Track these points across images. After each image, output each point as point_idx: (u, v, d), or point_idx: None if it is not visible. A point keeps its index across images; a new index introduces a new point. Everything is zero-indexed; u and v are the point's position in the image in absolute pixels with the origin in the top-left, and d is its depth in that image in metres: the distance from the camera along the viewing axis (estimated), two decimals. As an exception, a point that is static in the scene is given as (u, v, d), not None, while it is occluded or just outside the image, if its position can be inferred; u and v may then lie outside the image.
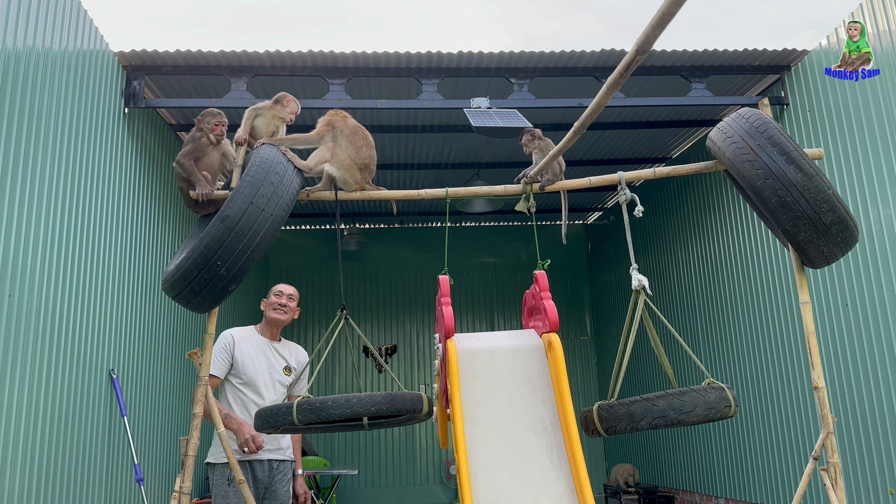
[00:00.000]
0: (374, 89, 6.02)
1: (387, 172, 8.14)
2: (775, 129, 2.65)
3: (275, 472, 3.48)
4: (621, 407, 2.41)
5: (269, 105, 3.02)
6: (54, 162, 4.21)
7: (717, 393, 2.42)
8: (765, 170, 2.58)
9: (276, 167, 2.62)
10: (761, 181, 2.59)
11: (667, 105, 5.90)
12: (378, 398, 2.39)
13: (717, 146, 2.82)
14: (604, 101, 1.96)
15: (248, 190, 2.50)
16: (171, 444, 5.97)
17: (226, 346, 3.51)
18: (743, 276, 6.47)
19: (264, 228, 2.51)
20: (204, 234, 2.48)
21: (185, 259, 2.51)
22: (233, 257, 2.46)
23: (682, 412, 2.36)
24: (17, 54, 3.84)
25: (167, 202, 6.14)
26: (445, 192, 2.96)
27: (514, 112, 4.88)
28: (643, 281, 2.71)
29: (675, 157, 7.90)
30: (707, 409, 2.38)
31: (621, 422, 2.40)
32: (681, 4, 1.33)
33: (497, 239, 10.78)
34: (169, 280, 2.60)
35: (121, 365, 5.04)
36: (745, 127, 2.70)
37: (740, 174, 2.67)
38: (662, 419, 2.36)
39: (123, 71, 5.34)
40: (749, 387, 6.36)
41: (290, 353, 3.72)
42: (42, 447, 3.91)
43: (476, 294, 10.77)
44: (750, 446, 6.37)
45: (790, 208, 2.56)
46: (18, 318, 3.72)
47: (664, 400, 2.37)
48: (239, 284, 2.58)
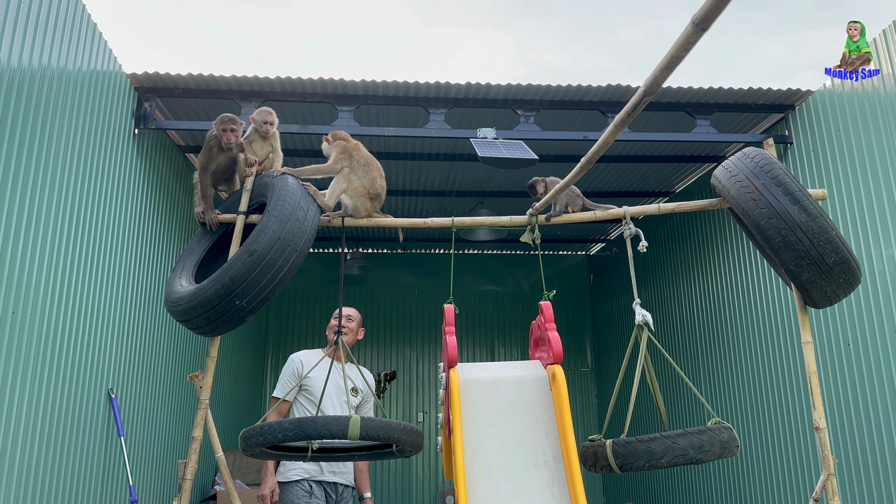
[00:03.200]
0: (383, 117, 6.08)
1: (392, 199, 8.19)
2: (780, 169, 2.68)
3: (341, 495, 3.54)
4: (640, 444, 2.38)
5: (252, 130, 3.07)
6: (63, 180, 4.25)
7: (728, 433, 2.43)
8: (769, 209, 2.61)
9: (301, 202, 2.66)
10: (765, 220, 2.61)
11: (672, 140, 5.95)
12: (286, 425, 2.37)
13: (721, 184, 2.85)
14: (611, 138, 1.98)
15: (277, 225, 2.53)
16: (167, 465, 5.93)
17: (294, 370, 3.59)
18: (745, 313, 6.47)
19: (289, 263, 2.53)
20: (228, 266, 2.50)
21: (206, 288, 2.51)
22: (255, 291, 2.48)
23: (701, 451, 2.35)
24: (32, 73, 3.90)
25: (173, 223, 6.18)
26: (451, 221, 2.98)
27: (520, 143, 4.93)
28: (647, 316, 2.72)
29: (678, 191, 7.95)
30: (722, 448, 2.39)
31: (639, 459, 2.38)
32: (689, 49, 1.36)
33: (500, 267, 10.79)
34: (182, 304, 2.60)
35: (120, 384, 5.03)
36: (750, 166, 2.73)
37: (744, 213, 2.69)
38: (682, 457, 2.35)
39: (135, 92, 5.41)
40: (750, 424, 6.33)
41: (357, 375, 3.73)
42: (38, 465, 3.89)
43: (478, 322, 10.76)
44: (751, 484, 6.32)
45: (794, 248, 2.57)
46: (21, 335, 3.73)
47: (684, 438, 2.36)
48: (255, 315, 2.59)
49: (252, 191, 2.89)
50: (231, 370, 8.22)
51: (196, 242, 2.97)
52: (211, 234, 3.00)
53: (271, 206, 2.63)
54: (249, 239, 2.54)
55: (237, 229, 2.85)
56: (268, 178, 2.83)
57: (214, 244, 3.00)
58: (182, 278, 2.77)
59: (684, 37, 1.34)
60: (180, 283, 2.73)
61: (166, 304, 2.70)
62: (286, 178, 2.78)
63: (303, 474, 3.43)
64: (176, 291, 2.68)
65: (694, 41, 1.34)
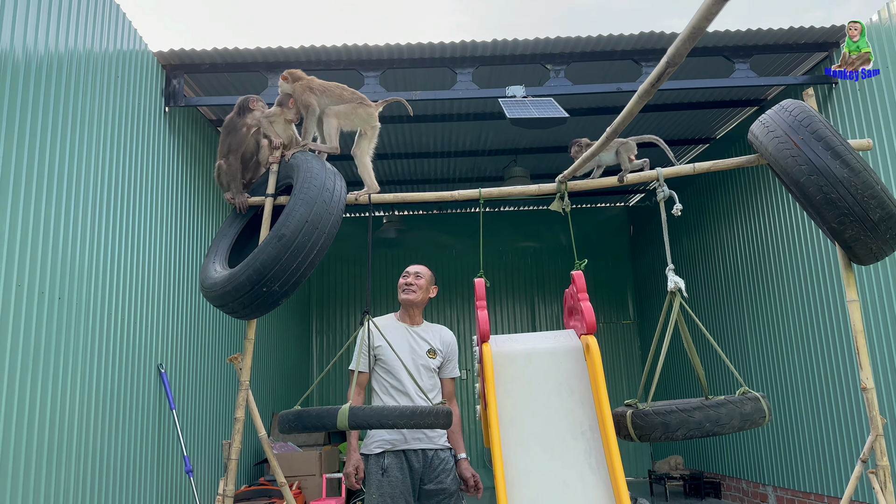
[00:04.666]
0: (409, 80, 5.99)
1: (424, 161, 8.13)
2: (820, 122, 2.56)
3: (431, 461, 3.32)
4: (657, 416, 2.38)
5: (278, 111, 3.03)
6: (99, 162, 4.31)
7: (752, 404, 2.38)
8: (809, 165, 2.50)
9: (327, 182, 2.63)
10: (805, 177, 2.50)
11: (709, 87, 5.74)
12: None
13: (758, 140, 2.74)
14: (635, 109, 1.91)
15: (304, 208, 2.52)
16: (217, 436, 6.13)
17: (364, 340, 3.45)
18: (787, 267, 6.30)
19: (318, 245, 2.53)
20: (259, 252, 2.51)
21: (238, 273, 2.54)
22: (286, 275, 2.49)
23: (718, 424, 2.33)
24: (59, 57, 3.93)
25: (210, 198, 6.25)
26: (478, 193, 2.93)
27: (549, 101, 4.81)
28: (679, 283, 2.67)
29: (718, 137, 7.70)
30: (743, 421, 2.35)
31: (656, 431, 2.38)
32: (711, 19, 1.28)
33: (537, 222, 10.69)
34: (217, 290, 2.63)
35: (168, 360, 5.18)
36: (788, 120, 2.61)
37: (783, 170, 2.58)
38: (698, 430, 2.33)
39: (163, 70, 5.43)
40: (795, 384, 6.22)
41: (433, 335, 3.52)
42: (96, 439, 4.05)
43: (516, 279, 10.73)
44: (798, 446, 6.24)
45: (836, 205, 2.47)
46: (69, 318, 3.84)
47: (700, 412, 2.34)
48: (289, 298, 2.62)
49: (279, 172, 2.89)
50: (278, 335, 8.39)
51: (227, 226, 3.00)
52: (241, 216, 3.02)
53: (297, 188, 2.62)
54: (277, 223, 2.54)
55: (266, 212, 2.86)
56: (293, 160, 2.82)
57: (246, 226, 3.02)
58: (216, 262, 2.80)
59: (706, 7, 1.26)
60: (214, 267, 2.76)
61: (202, 289, 2.74)
62: (309, 160, 2.76)
63: (385, 445, 3.27)
64: (210, 277, 2.71)
65: (716, 11, 1.27)
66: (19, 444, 3.30)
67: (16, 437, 3.27)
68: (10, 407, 3.25)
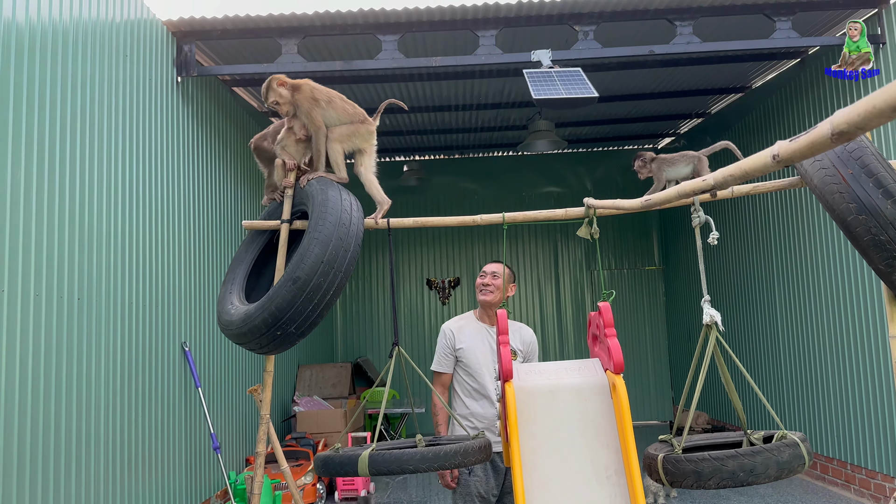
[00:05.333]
0: (430, 45, 5.72)
1: (445, 114, 7.88)
2: (872, 154, 2.36)
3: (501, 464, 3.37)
4: (689, 464, 2.32)
5: (285, 133, 2.88)
6: (112, 136, 4.19)
7: (790, 451, 2.29)
8: (858, 204, 2.32)
9: (343, 216, 2.51)
10: (853, 217, 2.34)
11: (748, 50, 5.41)
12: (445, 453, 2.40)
13: (803, 166, 2.55)
14: (665, 200, 1.73)
15: (319, 248, 2.41)
16: (243, 413, 6.24)
17: (447, 341, 3.41)
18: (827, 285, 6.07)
19: (335, 285, 2.45)
20: (273, 295, 2.43)
21: (254, 315, 2.47)
22: (302, 318, 2.43)
23: (753, 474, 2.25)
24: (65, 29, 3.76)
25: (230, 168, 6.13)
26: (502, 217, 2.80)
27: (577, 73, 4.55)
28: (715, 316, 2.54)
29: (755, 87, 7.34)
30: (779, 470, 2.27)
31: (687, 479, 2.32)
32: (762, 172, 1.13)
33: (561, 167, 10.44)
34: (233, 329, 2.58)
35: (192, 338, 5.21)
36: (838, 150, 2.41)
37: (829, 206, 2.41)
38: (731, 480, 2.27)
39: (173, 38, 5.22)
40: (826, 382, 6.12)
41: (513, 335, 3.44)
42: (124, 421, 4.13)
43: (540, 225, 10.59)
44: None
45: (885, 248, 2.31)
46: (89, 298, 3.81)
47: (734, 460, 2.26)
48: (306, 337, 2.56)
49: (294, 197, 2.77)
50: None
51: (244, 251, 2.91)
52: (257, 240, 2.93)
53: (312, 224, 2.50)
54: (292, 265, 2.44)
55: (282, 238, 2.76)
56: (308, 187, 2.69)
57: (262, 250, 2.93)
58: (232, 294, 2.73)
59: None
60: (231, 300, 2.69)
61: (219, 323, 2.69)
62: (325, 189, 2.63)
63: None
64: (227, 312, 2.65)
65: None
66: (48, 430, 3.36)
67: (44, 423, 3.33)
68: (36, 393, 3.28)
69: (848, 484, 5.85)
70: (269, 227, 2.83)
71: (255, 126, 7.07)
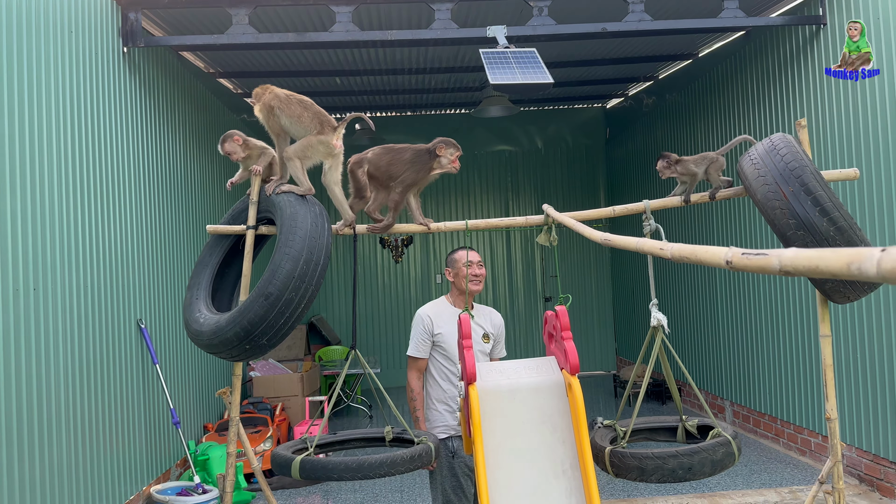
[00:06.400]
0: (384, 18, 5.64)
1: (399, 77, 7.81)
2: (812, 174, 2.53)
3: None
4: (633, 460, 2.53)
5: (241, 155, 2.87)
6: (54, 111, 4.06)
7: (724, 450, 2.53)
8: (797, 220, 2.50)
9: (312, 230, 2.54)
10: (792, 232, 2.51)
11: (697, 29, 5.51)
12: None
13: (748, 180, 2.70)
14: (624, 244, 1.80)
15: (290, 264, 2.45)
16: (202, 387, 6.28)
17: (424, 327, 3.51)
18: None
19: (306, 298, 2.50)
20: (245, 310, 2.47)
21: (225, 328, 2.52)
22: (274, 330, 2.49)
23: (691, 472, 2.49)
24: (5, 3, 3.60)
25: (180, 137, 6.00)
26: (465, 224, 2.89)
27: (532, 55, 4.59)
28: (662, 320, 2.73)
29: (700, 55, 7.48)
30: (714, 468, 2.51)
31: (631, 473, 2.55)
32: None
33: (512, 126, 10.51)
34: (203, 340, 2.62)
35: (148, 315, 5.20)
36: (780, 167, 2.56)
37: (770, 220, 2.58)
38: (671, 476, 2.50)
39: (118, 7, 5.02)
40: (760, 321, 6.48)
41: (485, 319, 3.61)
42: (83, 401, 4.15)
43: (491, 182, 10.71)
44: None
45: (819, 261, 2.50)
46: (37, 278, 3.75)
47: (675, 460, 2.48)
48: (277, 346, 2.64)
49: (259, 203, 2.79)
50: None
51: (208, 254, 2.92)
52: (221, 244, 2.94)
53: (282, 239, 2.53)
54: (263, 280, 2.49)
55: (248, 244, 2.80)
56: (274, 197, 2.71)
57: (227, 253, 2.95)
58: (199, 300, 2.76)
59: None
60: (198, 307, 2.73)
61: (187, 331, 2.72)
62: (293, 203, 2.64)
63: (449, 431, 3.48)
64: (195, 321, 2.68)
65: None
66: (10, 416, 3.37)
67: (5, 408, 3.33)
68: None
69: (777, 437, 6.31)
70: (234, 231, 2.86)
71: (205, 92, 6.89)
